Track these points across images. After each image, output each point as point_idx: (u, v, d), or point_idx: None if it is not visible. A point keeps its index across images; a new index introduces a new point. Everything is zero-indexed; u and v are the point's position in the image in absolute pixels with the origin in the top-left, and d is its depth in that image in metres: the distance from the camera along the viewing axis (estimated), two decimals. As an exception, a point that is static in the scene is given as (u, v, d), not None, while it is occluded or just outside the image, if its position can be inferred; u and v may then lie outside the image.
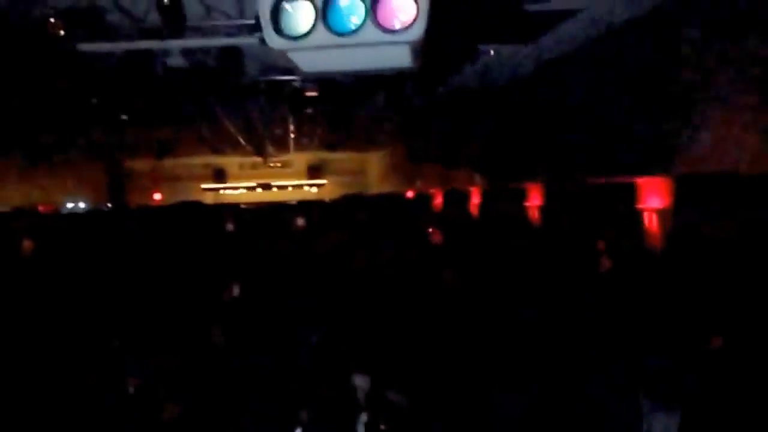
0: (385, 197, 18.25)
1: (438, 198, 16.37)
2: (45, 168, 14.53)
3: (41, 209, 14.03)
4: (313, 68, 3.25)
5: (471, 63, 6.42)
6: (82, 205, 16.14)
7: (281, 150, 16.35)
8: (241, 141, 14.57)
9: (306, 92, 8.02)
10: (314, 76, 7.09)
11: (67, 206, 15.46)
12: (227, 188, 19.92)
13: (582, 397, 5.01)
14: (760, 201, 6.00)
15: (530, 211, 11.14)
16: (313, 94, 7.93)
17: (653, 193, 7.31)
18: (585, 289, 7.16)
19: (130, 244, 12.48)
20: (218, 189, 19.93)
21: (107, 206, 16.84)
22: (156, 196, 18.81)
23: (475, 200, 13.85)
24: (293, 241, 11.95)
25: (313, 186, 19.81)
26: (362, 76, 7.50)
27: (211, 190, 20.02)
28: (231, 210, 18.30)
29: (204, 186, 19.92)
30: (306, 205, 18.84)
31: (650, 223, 7.40)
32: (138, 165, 17.63)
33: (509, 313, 6.68)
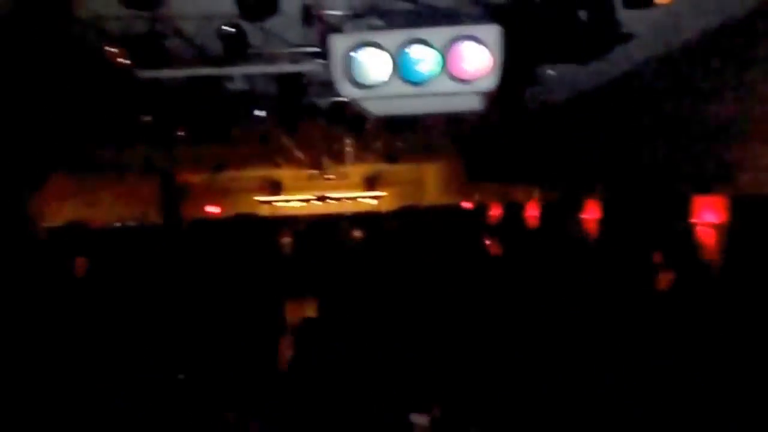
0: (443, 209, 18.20)
1: (496, 210, 16.23)
2: (100, 183, 15.06)
3: (94, 225, 14.53)
4: (384, 113, 3.28)
5: (531, 84, 6.36)
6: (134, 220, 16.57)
7: (337, 162, 16.53)
8: (298, 155, 14.80)
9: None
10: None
11: (121, 222, 15.93)
12: (282, 200, 20.24)
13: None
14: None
15: (588, 223, 11.01)
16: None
17: (709, 209, 7.42)
18: (642, 301, 7.14)
19: (185, 258, 12.82)
20: (273, 201, 20.26)
21: (162, 221, 17.32)
22: (210, 209, 19.26)
23: (533, 213, 13.70)
24: (351, 253, 12.07)
25: (371, 198, 19.90)
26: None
27: (266, 202, 20.36)
28: (288, 222, 18.61)
29: (259, 198, 20.26)
30: (363, 217, 18.97)
31: (706, 237, 7.47)
32: (192, 178, 18.11)
33: (572, 329, 6.65)
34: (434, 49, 2.60)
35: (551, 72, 6.47)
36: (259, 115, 7.47)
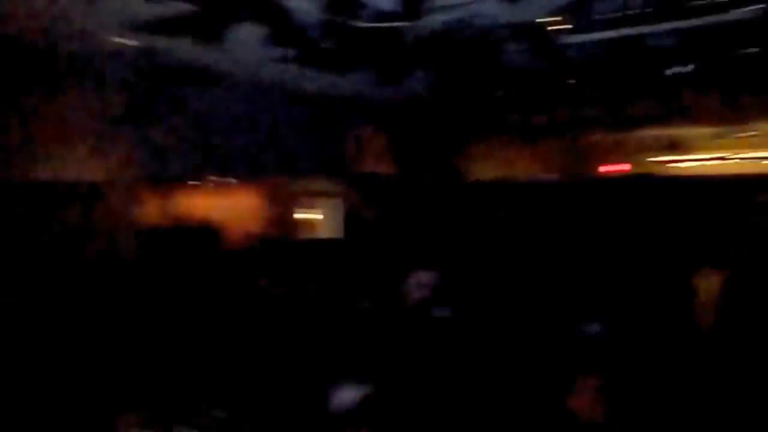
0: None
1: None
2: (513, 143, 17.47)
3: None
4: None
5: None
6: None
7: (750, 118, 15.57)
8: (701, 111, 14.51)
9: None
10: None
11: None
12: (681, 161, 19.64)
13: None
14: None
15: None
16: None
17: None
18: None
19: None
20: (671, 161, 19.82)
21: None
22: (607, 168, 19.91)
23: None
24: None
25: None
26: None
27: (662, 162, 20.01)
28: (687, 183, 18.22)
29: (653, 159, 20.00)
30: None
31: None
32: (592, 138, 19.06)
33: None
34: None
35: None
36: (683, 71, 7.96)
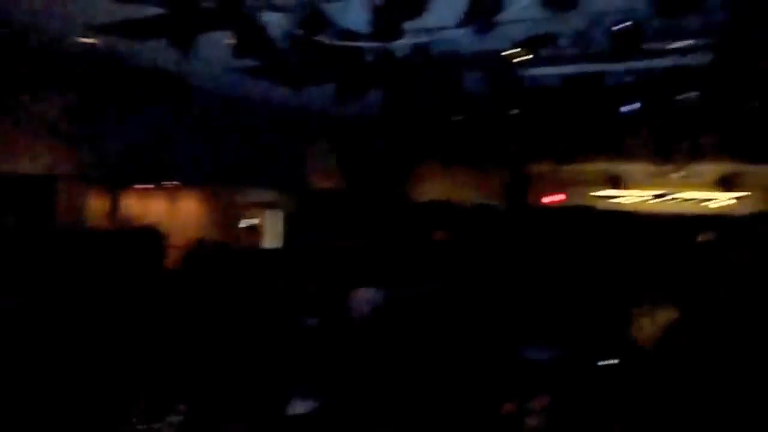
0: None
1: None
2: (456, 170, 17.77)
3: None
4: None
5: None
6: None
7: (685, 159, 16.22)
8: (643, 150, 15.03)
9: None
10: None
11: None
12: (620, 197, 20.18)
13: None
14: None
15: None
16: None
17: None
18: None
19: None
20: (611, 197, 20.35)
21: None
22: (549, 199, 20.35)
23: None
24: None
25: (729, 199, 18.24)
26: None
27: (603, 197, 20.54)
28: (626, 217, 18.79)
29: (594, 194, 20.50)
30: (711, 219, 17.95)
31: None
32: (537, 169, 19.57)
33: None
34: None
35: None
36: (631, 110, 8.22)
